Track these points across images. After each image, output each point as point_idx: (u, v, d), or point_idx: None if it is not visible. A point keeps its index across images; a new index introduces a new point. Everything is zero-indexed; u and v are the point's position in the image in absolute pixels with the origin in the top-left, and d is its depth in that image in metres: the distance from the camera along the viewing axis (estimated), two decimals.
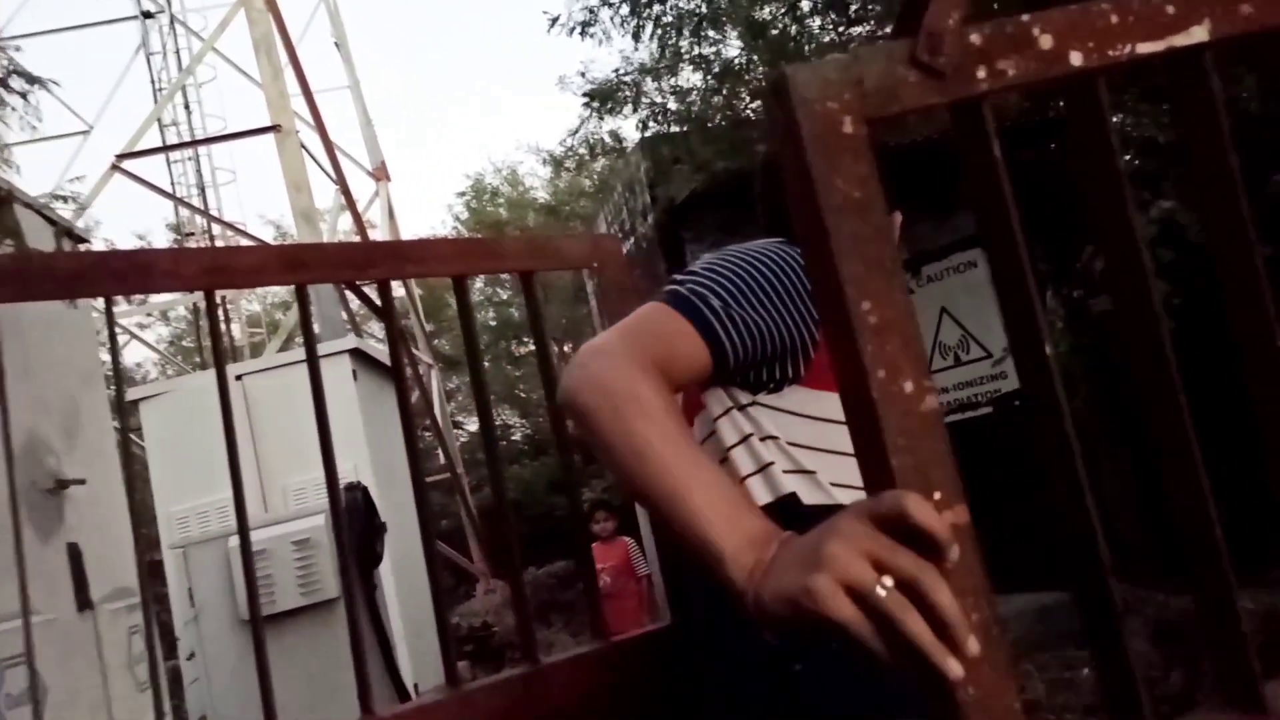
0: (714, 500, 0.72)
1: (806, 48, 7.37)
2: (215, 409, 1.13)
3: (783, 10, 4.91)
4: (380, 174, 11.12)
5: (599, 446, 0.80)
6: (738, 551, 0.70)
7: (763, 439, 1.07)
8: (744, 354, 0.99)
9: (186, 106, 11.28)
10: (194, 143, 10.48)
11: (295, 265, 1.20)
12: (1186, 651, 3.03)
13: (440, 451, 10.58)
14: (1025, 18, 0.73)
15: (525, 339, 17.67)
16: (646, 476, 0.75)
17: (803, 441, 1.06)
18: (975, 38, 0.72)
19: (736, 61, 4.75)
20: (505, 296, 17.32)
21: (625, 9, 4.35)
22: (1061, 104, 0.79)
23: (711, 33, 4.52)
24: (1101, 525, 0.74)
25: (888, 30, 7.37)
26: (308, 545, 3.53)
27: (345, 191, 8.71)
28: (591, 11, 4.44)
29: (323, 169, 9.28)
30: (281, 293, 16.58)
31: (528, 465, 13.86)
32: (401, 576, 4.90)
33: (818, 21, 7.69)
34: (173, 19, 11.37)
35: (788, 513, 1.03)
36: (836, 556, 0.62)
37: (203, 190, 11.52)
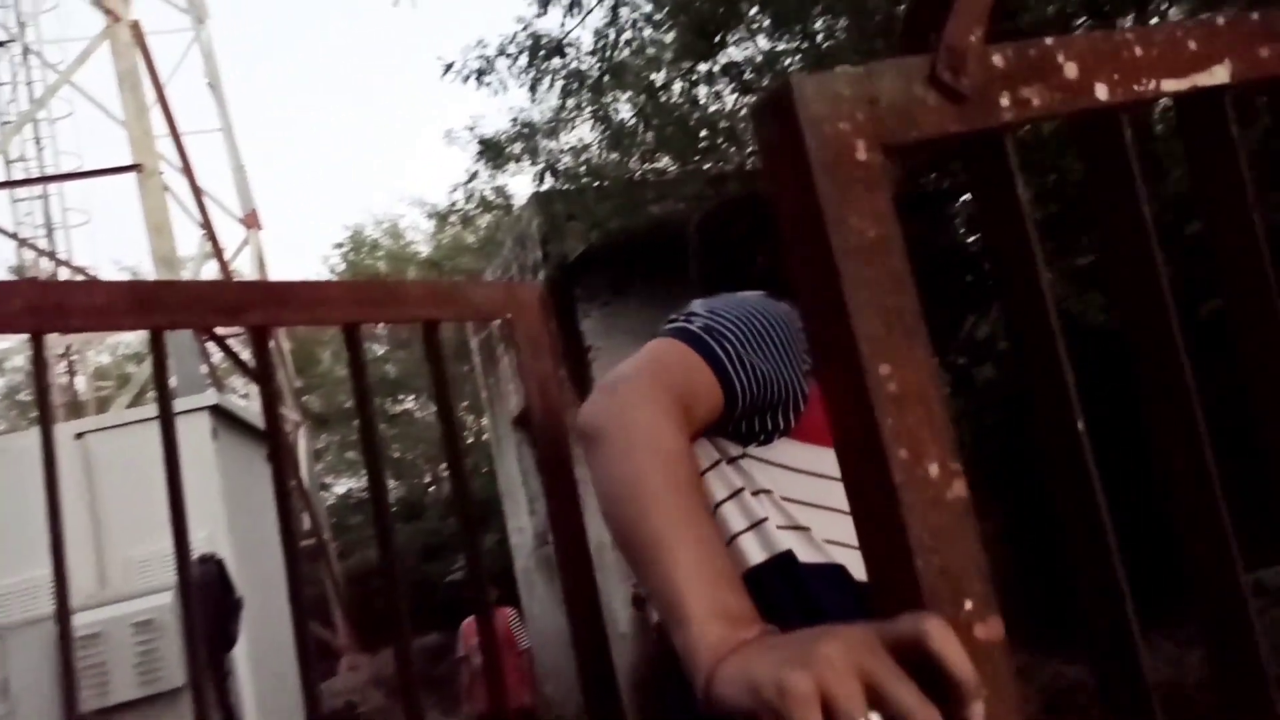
0: (703, 562, 0.66)
1: (694, 115, 7.51)
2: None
3: (678, 75, 4.95)
4: (251, 221, 10.61)
5: (600, 476, 0.75)
6: (710, 619, 0.63)
7: (755, 493, 1.01)
8: (751, 399, 0.94)
9: (37, 141, 10.48)
10: (43, 179, 9.73)
11: (150, 305, 1.00)
12: None
13: (305, 515, 9.96)
14: (1049, 42, 0.64)
15: (400, 397, 17.08)
16: (638, 517, 0.70)
17: (796, 496, 1.01)
18: (998, 59, 0.62)
19: (632, 122, 4.74)
20: (380, 352, 16.75)
21: (523, 60, 4.28)
22: (934, 175, 0.70)
23: (613, 93, 4.50)
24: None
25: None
26: (150, 627, 3.13)
27: (211, 237, 8.22)
28: (488, 60, 4.34)
29: (188, 212, 8.76)
30: (134, 342, 15.53)
31: (401, 530, 13.25)
32: (260, 660, 4.46)
33: (707, 90, 7.86)
34: (25, 49, 10.63)
35: (784, 571, 0.98)
36: (829, 662, 0.51)
37: (50, 231, 10.67)
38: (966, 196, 6.68)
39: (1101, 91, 0.65)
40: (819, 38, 7.71)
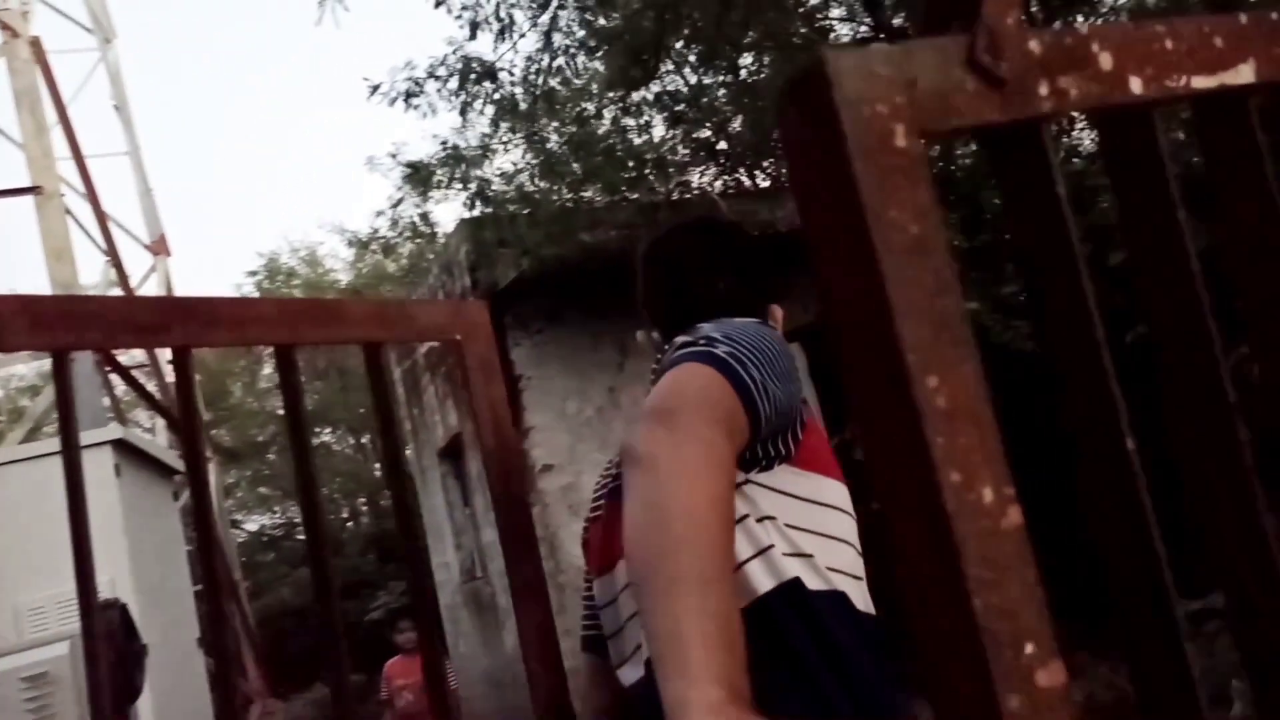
0: (722, 625, 0.65)
1: (621, 146, 7.50)
2: None
3: (610, 103, 4.92)
4: (159, 248, 10.16)
5: (643, 501, 0.73)
6: (714, 682, 0.61)
7: (759, 520, 0.99)
8: (768, 426, 0.92)
9: None
10: None
11: (51, 323, 0.87)
12: None
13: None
14: (1083, 30, 0.59)
15: (317, 429, 16.54)
16: (669, 552, 0.68)
17: (798, 524, 0.99)
18: (1035, 45, 0.57)
19: (563, 149, 4.67)
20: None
21: (454, 83, 4.18)
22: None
23: (545, 120, 4.43)
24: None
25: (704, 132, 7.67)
26: (44, 681, 2.86)
27: (116, 263, 7.83)
28: (417, 83, 4.23)
29: (91, 238, 8.33)
30: (29, 374, 14.68)
31: None
32: (164, 711, 4.16)
33: (636, 121, 7.88)
34: None
35: (792, 599, 0.96)
36: None
37: None
38: None
39: (1136, 85, 0.60)
40: (743, 73, 7.84)
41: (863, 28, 7.02)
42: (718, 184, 7.89)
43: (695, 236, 1.26)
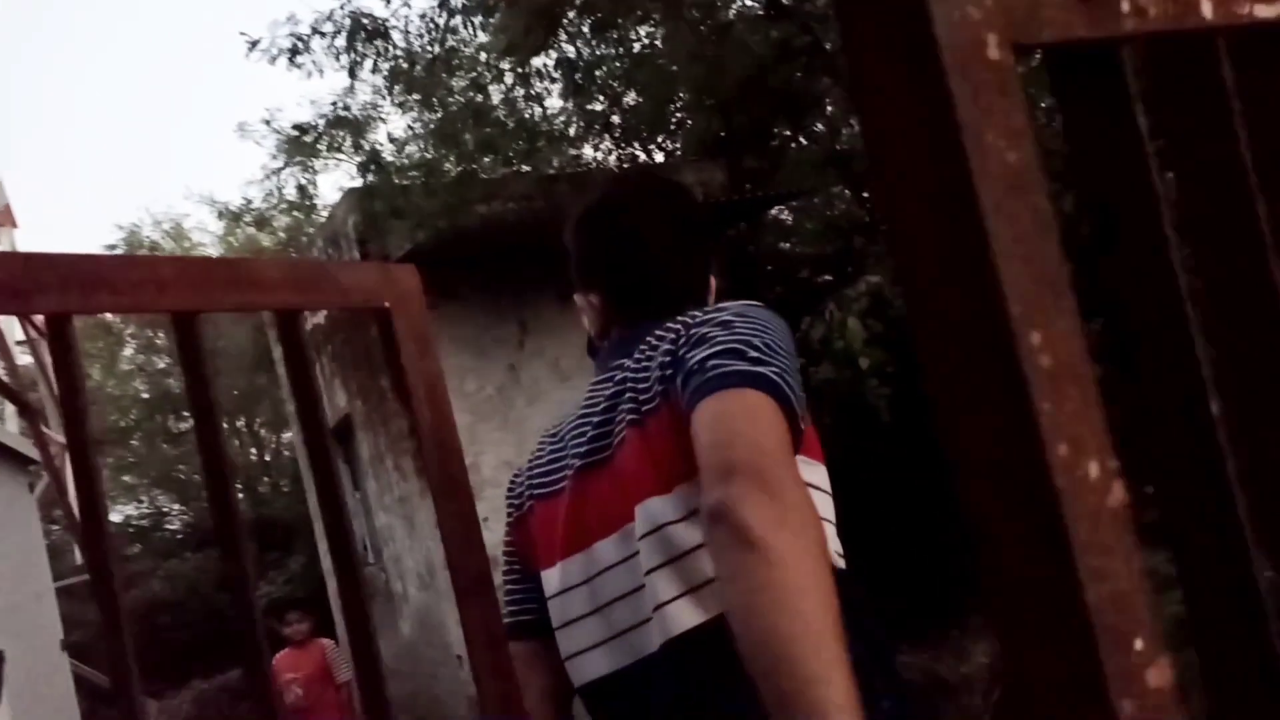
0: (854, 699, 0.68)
1: (515, 118, 7.30)
2: None
3: (508, 69, 4.74)
4: (4, 219, 9.33)
5: (759, 586, 0.72)
6: None
7: None
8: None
9: None
10: None
11: None
12: None
13: (76, 549, 8.85)
14: None
15: (185, 414, 15.63)
16: (806, 652, 0.69)
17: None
18: None
19: (459, 114, 4.46)
20: (162, 365, 15.28)
21: (341, 40, 3.90)
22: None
23: (443, 83, 4.20)
24: None
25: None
26: None
27: None
28: (301, 39, 3.92)
29: None
30: None
31: (189, 559, 12.08)
32: (24, 712, 3.82)
33: (525, 92, 7.68)
34: None
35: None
36: None
37: None
38: (783, 205, 6.86)
39: (1206, 9, 0.54)
40: (636, 46, 7.75)
41: (755, 3, 7.03)
42: (612, 158, 7.81)
43: (659, 202, 1.14)
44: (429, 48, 4.19)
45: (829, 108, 7.45)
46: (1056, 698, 0.44)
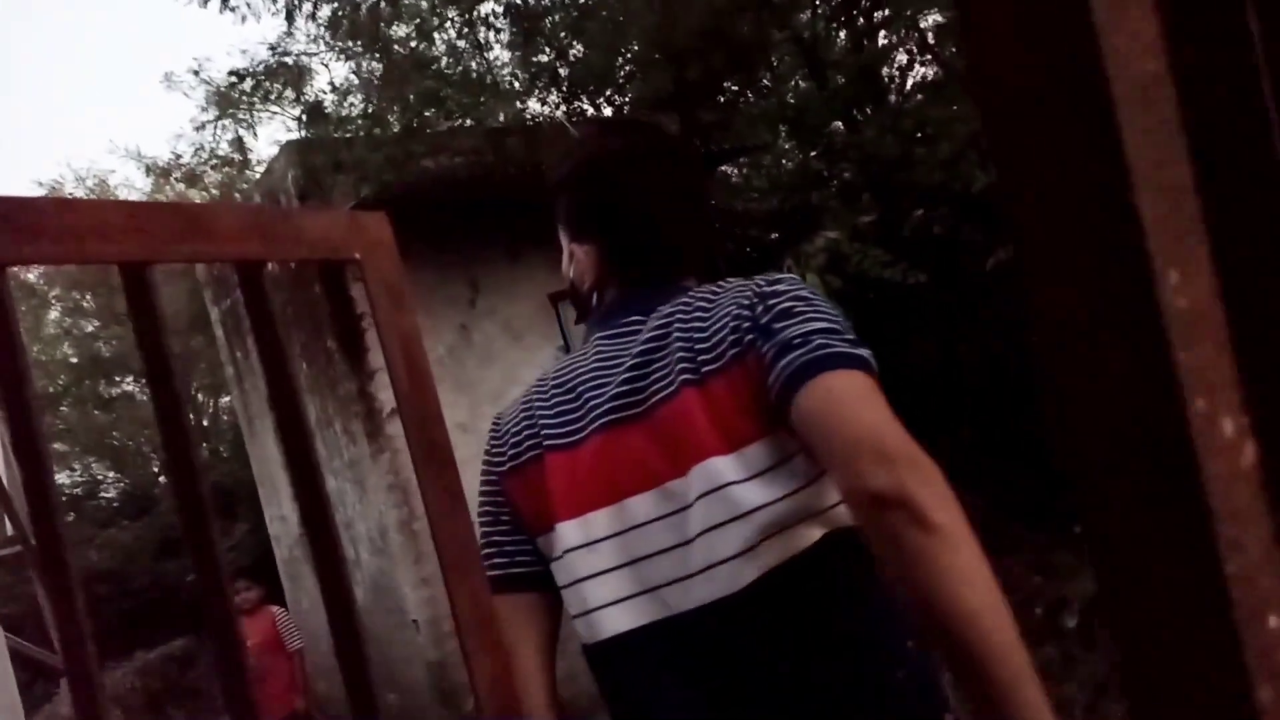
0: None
1: (456, 69, 7.06)
2: None
3: (455, 14, 4.56)
4: None
5: (969, 577, 0.76)
6: None
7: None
8: None
9: None
10: None
11: None
12: None
13: (5, 518, 8.51)
14: None
15: (118, 378, 15.12)
16: (1012, 637, 0.76)
17: None
18: None
19: (406, 60, 4.27)
20: (90, 328, 14.72)
21: None
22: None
23: (391, 24, 4.01)
24: None
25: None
26: None
27: None
28: None
29: None
30: None
31: (128, 527, 11.76)
32: None
33: (469, 44, 7.42)
34: None
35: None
36: None
37: None
38: (733, 162, 6.79)
39: None
40: None
41: None
42: (560, 112, 7.63)
43: (674, 160, 1.12)
44: None
45: (776, 62, 7.39)
46: (1191, 687, 0.39)
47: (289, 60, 4.04)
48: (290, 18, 3.85)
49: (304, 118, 4.09)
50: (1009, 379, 4.00)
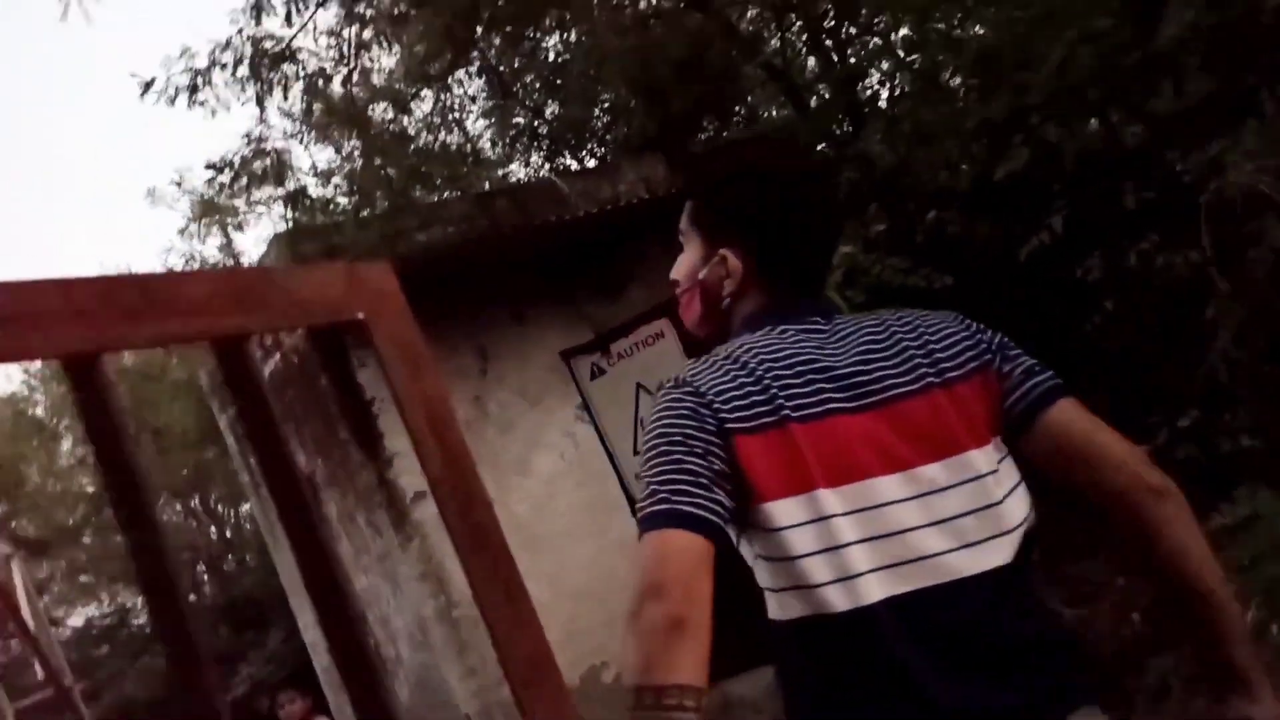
0: None
1: (435, 142, 7.00)
2: None
3: (427, 85, 4.47)
4: None
5: (1199, 544, 1.05)
6: None
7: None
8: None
9: None
10: None
11: None
12: None
13: (36, 662, 8.25)
14: None
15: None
16: (1229, 594, 1.05)
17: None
18: None
19: (387, 135, 4.17)
20: None
21: (244, 69, 3.56)
22: None
23: (364, 96, 3.90)
24: None
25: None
26: None
27: None
28: (199, 73, 3.57)
29: None
30: None
31: (157, 652, 11.44)
32: None
33: (445, 119, 7.38)
34: None
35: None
36: None
37: None
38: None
39: None
40: (551, 54, 7.52)
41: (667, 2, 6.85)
42: (544, 171, 7.56)
43: (834, 186, 1.23)
44: (339, 66, 3.89)
45: (749, 96, 7.33)
46: None
47: (265, 147, 3.92)
48: (260, 103, 3.74)
49: (289, 200, 3.95)
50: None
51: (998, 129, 3.07)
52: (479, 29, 5.57)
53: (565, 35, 7.22)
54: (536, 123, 7.58)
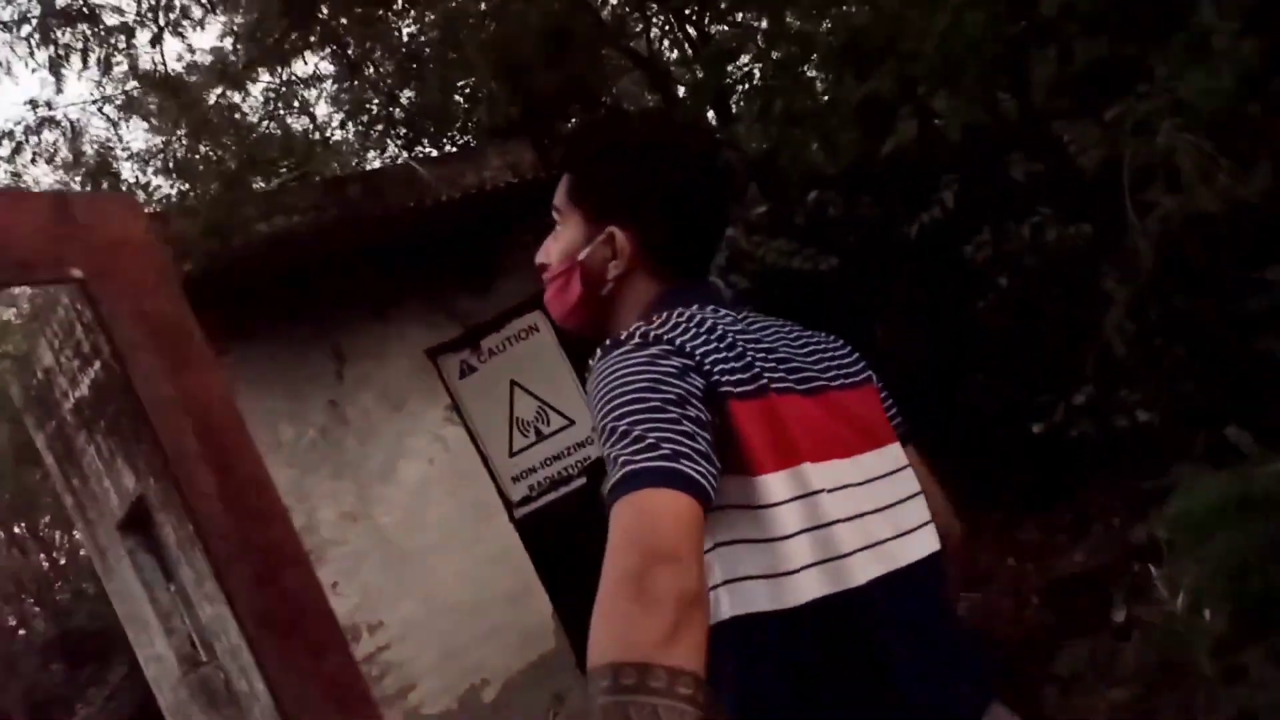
0: None
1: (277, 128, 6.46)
2: None
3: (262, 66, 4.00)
4: None
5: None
6: None
7: None
8: None
9: None
10: None
11: None
12: None
13: None
14: None
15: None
16: None
17: None
18: None
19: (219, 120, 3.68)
20: None
21: (33, 27, 3.00)
22: None
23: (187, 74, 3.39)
24: None
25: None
26: None
27: None
28: None
29: None
30: None
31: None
32: None
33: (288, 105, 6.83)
34: None
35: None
36: None
37: None
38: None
39: None
40: (405, 38, 7.10)
41: None
42: (400, 159, 7.13)
43: (719, 163, 1.18)
44: (148, 25, 3.37)
45: (614, 86, 7.14)
46: None
47: (56, 116, 3.37)
48: (55, 69, 3.18)
49: (92, 177, 3.41)
50: (932, 358, 3.77)
51: (881, 104, 2.96)
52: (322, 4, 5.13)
53: (420, 15, 6.82)
54: (392, 108, 7.14)
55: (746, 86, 5.82)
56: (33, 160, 3.30)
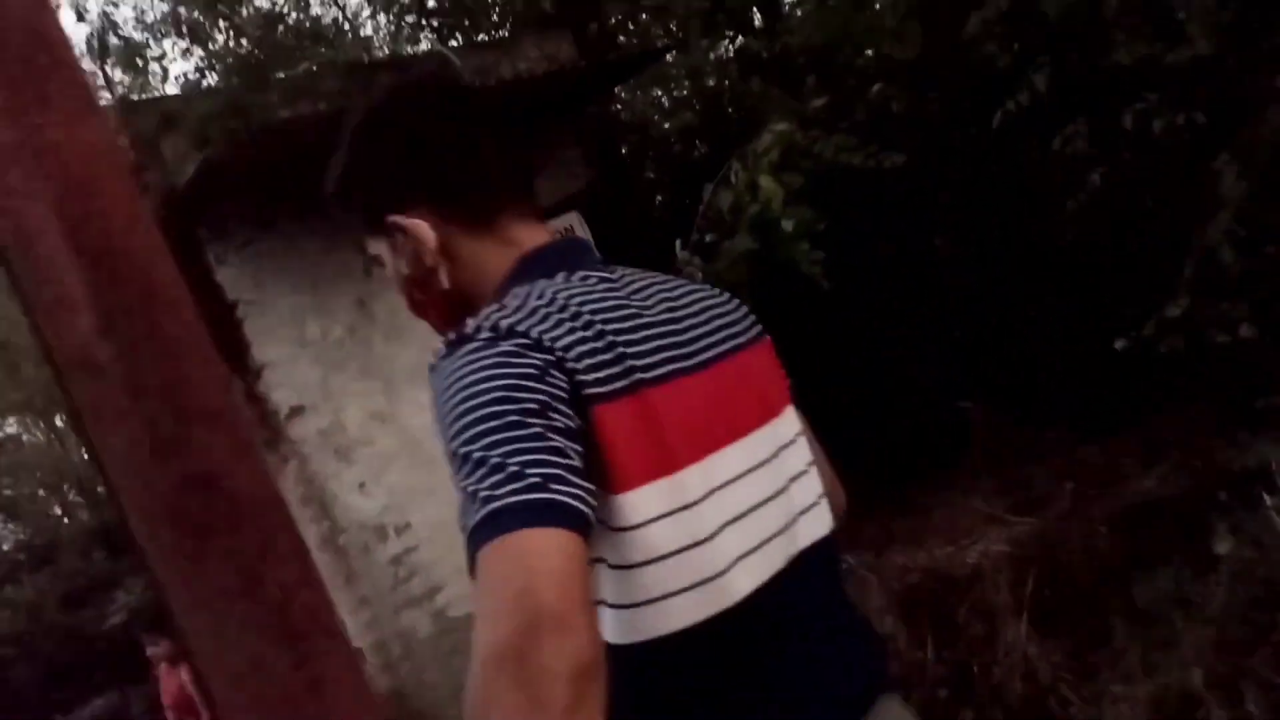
0: None
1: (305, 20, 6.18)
2: None
3: None
4: None
5: None
6: None
7: None
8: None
9: None
10: None
11: None
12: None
13: None
14: None
15: None
16: None
17: None
18: None
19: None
20: None
21: None
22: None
23: None
24: None
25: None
26: None
27: None
28: None
29: None
30: None
31: (29, 580, 10.66)
32: None
33: None
34: None
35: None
36: None
37: None
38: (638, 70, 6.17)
39: None
40: None
41: None
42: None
43: (452, 95, 1.01)
44: None
45: None
46: None
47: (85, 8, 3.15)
48: None
49: (108, 67, 3.24)
50: (998, 269, 3.51)
51: None
52: None
53: None
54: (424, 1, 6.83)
55: None
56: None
